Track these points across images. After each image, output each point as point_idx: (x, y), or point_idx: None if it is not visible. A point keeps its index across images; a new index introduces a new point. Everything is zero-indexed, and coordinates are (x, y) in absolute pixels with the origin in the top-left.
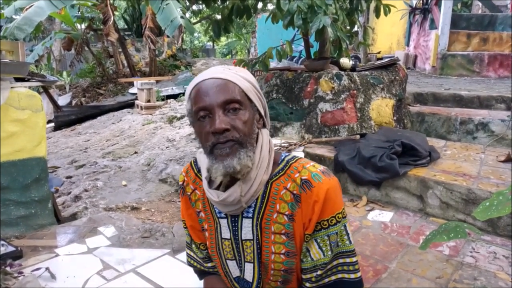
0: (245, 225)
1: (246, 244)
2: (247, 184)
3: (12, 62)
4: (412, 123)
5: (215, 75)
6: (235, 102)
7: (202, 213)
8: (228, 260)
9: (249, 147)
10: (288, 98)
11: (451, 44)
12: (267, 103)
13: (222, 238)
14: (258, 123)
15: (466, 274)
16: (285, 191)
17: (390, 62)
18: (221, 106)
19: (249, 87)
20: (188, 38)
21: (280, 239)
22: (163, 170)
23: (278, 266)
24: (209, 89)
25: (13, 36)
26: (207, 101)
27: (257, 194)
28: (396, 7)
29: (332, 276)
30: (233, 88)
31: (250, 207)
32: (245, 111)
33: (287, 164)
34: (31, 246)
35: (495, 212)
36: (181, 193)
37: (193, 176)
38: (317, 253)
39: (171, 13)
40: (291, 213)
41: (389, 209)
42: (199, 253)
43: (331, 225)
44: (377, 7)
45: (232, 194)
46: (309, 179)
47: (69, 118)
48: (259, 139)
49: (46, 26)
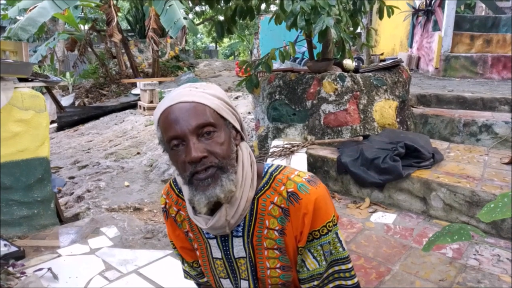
0: (236, 244)
1: (240, 261)
2: (234, 205)
3: (15, 63)
4: (415, 124)
5: (182, 99)
6: (208, 126)
7: (190, 234)
8: (221, 278)
9: (230, 169)
10: (291, 99)
11: (454, 45)
12: (270, 105)
13: (213, 258)
14: (235, 139)
15: (469, 276)
16: (273, 206)
17: (393, 63)
18: (194, 132)
19: (219, 104)
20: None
21: (273, 254)
22: (165, 171)
23: (275, 280)
24: (178, 116)
25: (16, 36)
26: (178, 130)
27: (245, 213)
28: (399, 8)
29: (329, 284)
30: (203, 111)
31: (239, 225)
32: (220, 132)
33: (271, 177)
34: (34, 246)
35: (499, 214)
36: (165, 217)
37: (175, 197)
38: (312, 263)
39: (175, 14)
40: (281, 227)
41: (392, 211)
42: (193, 271)
43: (323, 234)
44: (380, 8)
45: (220, 218)
46: (296, 191)
47: (72, 118)
48: (239, 156)
49: (50, 27)
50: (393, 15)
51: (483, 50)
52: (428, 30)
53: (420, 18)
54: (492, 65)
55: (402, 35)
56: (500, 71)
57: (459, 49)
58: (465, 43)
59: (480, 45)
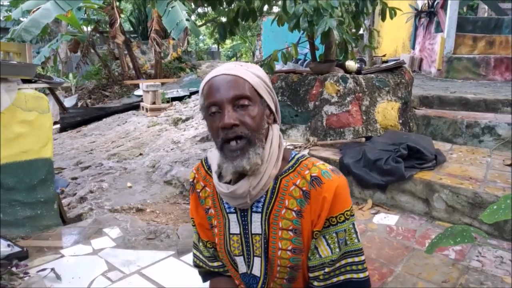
0: (255, 219)
1: (255, 238)
2: (257, 177)
3: (19, 64)
4: (417, 126)
5: (226, 72)
6: (244, 98)
7: (212, 210)
8: (235, 256)
9: (258, 143)
10: (293, 101)
11: (457, 47)
12: None
13: (230, 234)
14: (268, 118)
15: (472, 278)
16: (295, 187)
17: (396, 65)
18: (231, 102)
19: (259, 82)
20: (194, 40)
21: (287, 235)
22: (168, 172)
23: (284, 262)
24: (220, 85)
25: (20, 38)
26: (217, 97)
27: (266, 188)
28: (401, 10)
29: (340, 276)
30: (243, 84)
31: (259, 201)
32: (254, 106)
33: (297, 162)
34: (37, 247)
35: (502, 216)
36: (191, 190)
37: (204, 173)
38: (325, 250)
39: (177, 16)
40: (299, 209)
41: (395, 213)
42: (206, 252)
43: (340, 222)
44: (382, 10)
45: (241, 186)
46: (319, 176)
47: (75, 119)
48: (269, 134)
49: (53, 28)
50: (395, 16)
51: (485, 51)
52: (430, 32)
53: (422, 20)
54: (494, 66)
55: (404, 37)
56: (503, 73)
57: (462, 50)
58: (468, 45)
59: (482, 47)
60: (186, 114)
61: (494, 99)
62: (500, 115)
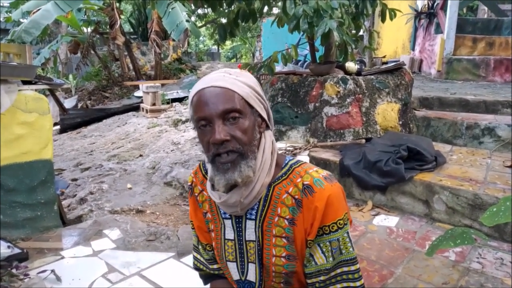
0: (249, 226)
1: (249, 245)
2: (248, 187)
3: (19, 65)
4: (417, 127)
5: (215, 83)
6: (234, 111)
7: (209, 214)
8: (229, 262)
9: (250, 155)
10: (293, 102)
11: (457, 48)
12: (272, 107)
13: (225, 239)
14: (260, 127)
15: (472, 280)
16: (287, 195)
17: (396, 66)
18: (220, 116)
19: (249, 92)
20: (194, 41)
21: (280, 242)
22: (168, 173)
23: (279, 269)
24: (208, 99)
25: (20, 39)
26: (206, 112)
27: (259, 196)
28: (401, 11)
29: (337, 284)
30: (232, 97)
31: (253, 209)
32: (245, 119)
33: (290, 169)
34: (37, 248)
35: (502, 218)
36: (189, 194)
37: (201, 177)
38: (321, 258)
39: (177, 17)
40: (292, 217)
41: (395, 214)
42: (205, 254)
43: (332, 231)
44: (382, 11)
45: (233, 196)
46: (311, 185)
47: (75, 121)
48: (261, 143)
49: (53, 29)
50: (395, 18)
51: (485, 52)
52: (430, 33)
53: (422, 21)
54: (494, 67)
55: (404, 38)
56: (503, 74)
57: (462, 51)
58: (468, 46)
59: (482, 48)
60: (186, 115)
61: (494, 101)
62: (500, 116)
